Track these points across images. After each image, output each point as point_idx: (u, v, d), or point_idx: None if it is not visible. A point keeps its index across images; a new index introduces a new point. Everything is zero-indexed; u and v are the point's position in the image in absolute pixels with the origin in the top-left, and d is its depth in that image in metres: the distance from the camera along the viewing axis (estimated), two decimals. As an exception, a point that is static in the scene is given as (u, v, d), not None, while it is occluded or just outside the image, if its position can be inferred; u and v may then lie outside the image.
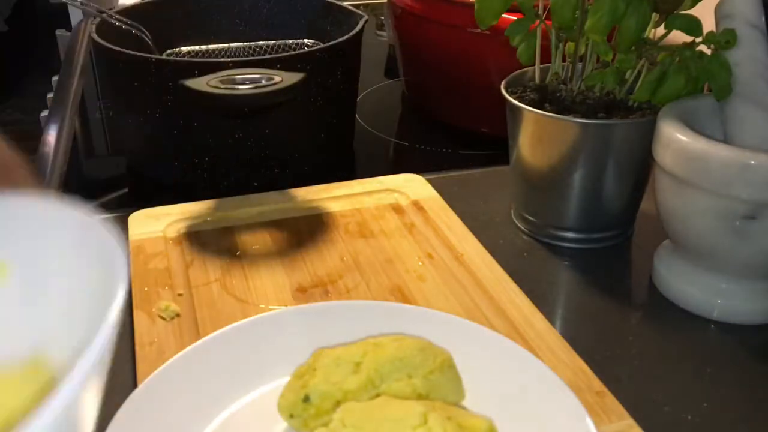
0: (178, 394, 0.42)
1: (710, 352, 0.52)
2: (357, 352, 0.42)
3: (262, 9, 0.95)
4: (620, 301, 0.57)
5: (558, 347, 0.49)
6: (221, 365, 0.45)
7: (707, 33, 0.54)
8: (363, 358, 0.42)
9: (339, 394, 0.41)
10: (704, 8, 0.56)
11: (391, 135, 0.94)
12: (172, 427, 0.40)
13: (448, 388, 0.42)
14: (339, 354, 0.42)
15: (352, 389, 0.41)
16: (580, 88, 0.62)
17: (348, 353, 0.42)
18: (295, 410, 0.41)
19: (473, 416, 0.39)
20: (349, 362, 0.42)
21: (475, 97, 0.88)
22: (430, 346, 0.43)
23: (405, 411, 0.37)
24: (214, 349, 0.45)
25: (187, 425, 0.41)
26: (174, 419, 0.40)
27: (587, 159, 0.60)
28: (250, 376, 0.45)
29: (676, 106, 0.55)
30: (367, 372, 0.41)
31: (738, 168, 0.48)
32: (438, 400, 0.41)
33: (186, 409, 0.42)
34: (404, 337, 0.44)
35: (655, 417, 0.45)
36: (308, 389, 0.41)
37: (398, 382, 0.41)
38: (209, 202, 0.67)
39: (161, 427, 0.38)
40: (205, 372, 0.44)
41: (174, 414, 0.41)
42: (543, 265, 0.62)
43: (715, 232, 0.51)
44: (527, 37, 0.63)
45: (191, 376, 0.43)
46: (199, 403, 0.43)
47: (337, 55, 0.76)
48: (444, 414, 0.38)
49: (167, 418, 0.39)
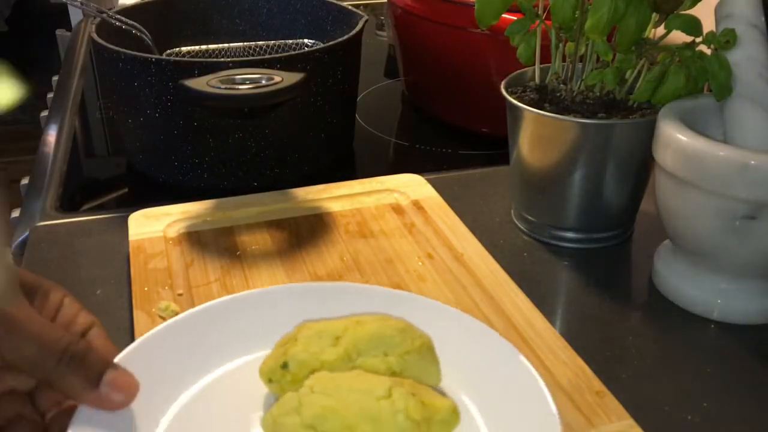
0: (165, 357, 0.44)
1: (710, 352, 0.52)
2: (338, 327, 0.44)
3: (262, 9, 0.95)
4: (620, 301, 0.57)
5: (558, 347, 0.49)
6: (210, 334, 0.47)
7: (707, 33, 0.54)
8: (343, 333, 0.44)
9: (316, 363, 0.42)
10: (704, 8, 0.56)
11: (391, 135, 0.94)
12: (157, 388, 0.42)
13: (423, 370, 0.43)
14: (321, 327, 0.44)
15: (329, 360, 0.43)
16: (580, 88, 0.62)
17: (330, 327, 0.44)
18: (274, 375, 0.43)
19: (439, 397, 0.41)
20: (330, 335, 0.44)
21: (475, 97, 0.88)
22: (411, 328, 0.44)
23: (372, 383, 0.39)
24: (205, 319, 0.47)
25: (172, 387, 0.43)
26: (159, 380, 0.42)
27: (587, 159, 0.60)
28: (237, 345, 0.47)
29: (676, 106, 0.55)
30: (345, 345, 0.43)
31: (738, 168, 0.48)
32: (410, 380, 0.42)
33: (171, 373, 0.44)
34: (388, 317, 0.45)
35: (655, 417, 0.45)
36: (287, 357, 0.43)
37: (374, 358, 0.43)
38: (209, 202, 0.67)
39: (145, 389, 0.39)
40: (194, 339, 0.46)
41: (159, 376, 0.43)
42: (543, 265, 0.62)
43: (715, 232, 0.51)
44: (527, 37, 0.63)
45: (182, 341, 0.46)
46: (185, 367, 0.45)
47: (337, 55, 0.76)
48: (410, 390, 0.39)
49: (152, 379, 0.41)
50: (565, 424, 0.43)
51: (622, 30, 0.56)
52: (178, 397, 0.43)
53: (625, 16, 0.55)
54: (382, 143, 0.91)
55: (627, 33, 0.55)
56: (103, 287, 0.56)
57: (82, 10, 1.09)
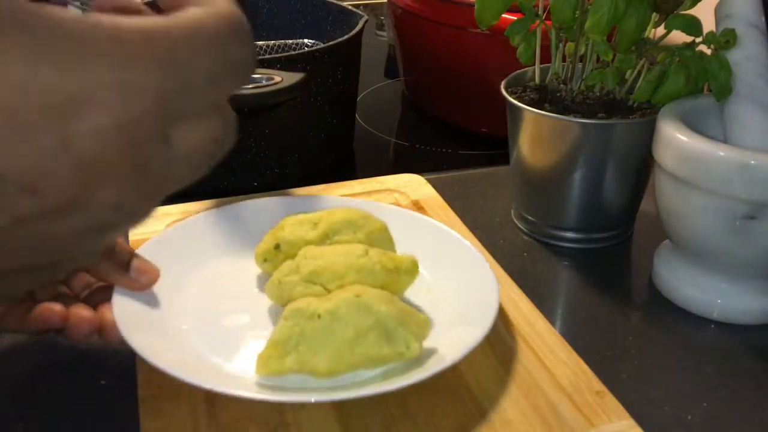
0: (172, 254, 0.53)
1: (710, 352, 0.52)
2: (315, 216, 0.54)
3: (262, 9, 0.95)
4: (620, 301, 0.57)
5: (558, 347, 0.49)
6: (212, 234, 0.58)
7: (707, 33, 0.54)
8: (320, 220, 0.53)
9: (302, 243, 0.52)
10: (704, 8, 0.56)
11: (391, 135, 0.94)
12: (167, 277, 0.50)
13: (384, 246, 0.53)
14: (301, 218, 0.54)
15: (312, 239, 0.52)
16: (580, 88, 0.62)
17: (308, 217, 0.54)
18: (269, 255, 0.53)
19: (402, 255, 0.51)
20: (309, 222, 0.54)
21: (475, 97, 0.88)
22: (371, 215, 0.55)
23: (351, 248, 0.50)
24: (206, 223, 0.58)
25: (181, 274, 0.53)
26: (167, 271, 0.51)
27: (587, 159, 0.60)
28: (234, 245, 0.57)
29: (676, 106, 0.55)
30: (323, 228, 0.53)
31: (738, 168, 0.48)
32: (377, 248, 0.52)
33: (180, 264, 0.53)
34: (353, 208, 0.55)
35: (655, 417, 0.45)
36: (278, 239, 0.53)
37: (347, 235, 0.53)
38: (209, 202, 0.67)
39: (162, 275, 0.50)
40: (198, 238, 0.56)
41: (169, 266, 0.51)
42: (543, 265, 0.62)
43: (715, 232, 0.51)
44: (527, 37, 0.63)
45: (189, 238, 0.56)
46: (191, 257, 0.54)
47: (337, 55, 0.76)
48: (380, 251, 0.50)
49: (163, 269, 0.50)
50: (565, 424, 0.43)
51: (622, 30, 0.56)
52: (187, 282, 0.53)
53: (625, 16, 0.55)
54: (382, 143, 0.91)
55: (627, 33, 0.55)
56: (103, 287, 0.56)
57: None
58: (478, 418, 0.43)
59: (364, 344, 0.43)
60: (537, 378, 0.47)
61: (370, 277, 0.48)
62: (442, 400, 0.45)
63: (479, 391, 0.45)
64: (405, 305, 0.46)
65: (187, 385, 0.40)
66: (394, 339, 0.43)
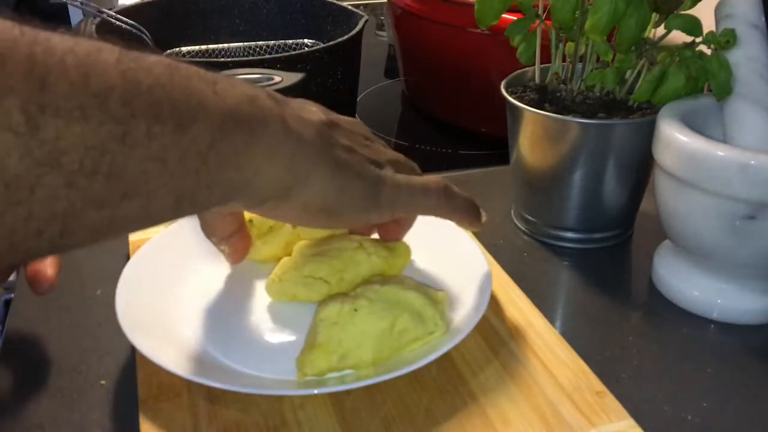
0: (178, 248, 0.55)
1: (710, 352, 0.52)
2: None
3: (262, 9, 0.95)
4: (620, 301, 0.57)
5: (558, 347, 0.49)
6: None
7: (707, 33, 0.54)
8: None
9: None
10: (704, 8, 0.56)
11: (391, 135, 0.94)
12: (168, 275, 0.53)
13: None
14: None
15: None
16: (580, 88, 0.62)
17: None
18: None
19: (393, 243, 0.53)
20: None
21: (475, 97, 0.88)
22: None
23: (345, 241, 0.52)
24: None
25: (178, 274, 0.53)
26: (169, 270, 0.53)
27: (587, 159, 0.60)
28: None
29: (676, 106, 0.55)
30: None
31: (738, 168, 0.48)
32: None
33: (181, 261, 0.54)
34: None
35: (655, 417, 0.45)
36: (251, 217, 0.54)
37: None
38: (209, 202, 0.67)
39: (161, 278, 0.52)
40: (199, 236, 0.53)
41: (170, 264, 0.53)
42: (543, 265, 0.62)
43: (715, 232, 0.51)
44: (527, 37, 0.63)
45: (190, 236, 0.55)
46: (191, 256, 0.55)
47: (337, 55, 0.76)
48: (372, 240, 0.52)
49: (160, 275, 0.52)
50: (565, 424, 0.43)
51: (622, 30, 0.56)
52: (188, 280, 0.54)
53: (625, 16, 0.55)
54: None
55: (627, 33, 0.55)
56: (103, 287, 0.56)
57: (82, 10, 1.09)
58: (478, 418, 0.44)
59: (401, 328, 0.46)
60: (537, 378, 0.47)
61: (367, 265, 0.51)
62: (442, 400, 0.45)
63: (479, 391, 0.45)
64: (420, 285, 0.50)
65: (187, 386, 0.41)
66: (424, 319, 0.47)
